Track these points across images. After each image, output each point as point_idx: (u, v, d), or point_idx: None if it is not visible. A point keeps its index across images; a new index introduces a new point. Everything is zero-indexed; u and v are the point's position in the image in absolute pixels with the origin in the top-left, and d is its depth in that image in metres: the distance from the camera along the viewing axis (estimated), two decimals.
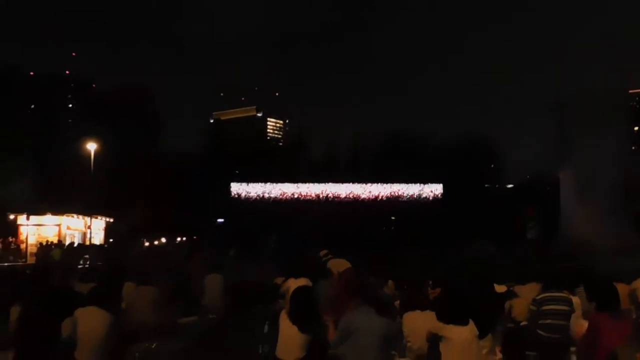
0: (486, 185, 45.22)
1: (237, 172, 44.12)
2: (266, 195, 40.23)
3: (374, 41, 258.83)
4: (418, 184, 40.45)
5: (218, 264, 9.14)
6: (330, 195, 40.37)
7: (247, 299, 8.01)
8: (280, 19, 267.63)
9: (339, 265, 7.72)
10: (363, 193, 40.53)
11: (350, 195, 40.43)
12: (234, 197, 39.92)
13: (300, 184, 40.35)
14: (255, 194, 40.21)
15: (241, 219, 36.85)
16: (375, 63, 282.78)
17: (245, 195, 40.13)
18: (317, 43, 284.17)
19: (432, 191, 40.58)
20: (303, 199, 40.05)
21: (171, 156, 43.21)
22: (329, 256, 8.58)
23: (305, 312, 4.75)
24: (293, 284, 7.06)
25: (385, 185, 40.54)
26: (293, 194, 40.23)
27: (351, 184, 40.57)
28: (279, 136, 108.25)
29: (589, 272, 7.75)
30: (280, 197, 40.20)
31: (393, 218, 41.60)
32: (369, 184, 40.56)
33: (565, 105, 23.32)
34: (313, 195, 40.32)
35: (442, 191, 40.32)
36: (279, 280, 7.73)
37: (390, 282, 7.65)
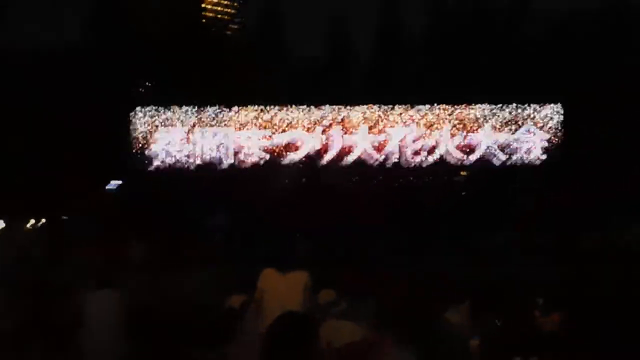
0: None
1: (147, 84, 43.80)
2: (204, 133, 40.16)
3: None
4: (512, 106, 40.44)
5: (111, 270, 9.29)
6: (335, 129, 40.34)
7: (170, 337, 8.13)
8: None
9: (338, 334, 7.65)
10: (399, 124, 40.48)
11: (375, 131, 40.40)
12: (140, 137, 39.85)
13: (273, 110, 40.21)
14: (182, 131, 40.10)
15: (155, 181, 36.96)
16: None
17: (163, 134, 40.06)
18: None
19: (541, 118, 40.62)
20: (276, 146, 40.00)
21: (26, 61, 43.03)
22: (333, 307, 8.46)
23: None
24: (271, 281, 7.18)
25: (445, 108, 40.48)
26: (259, 127, 40.14)
27: (374, 107, 40.45)
28: (228, 17, 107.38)
29: None
30: (234, 136, 40.14)
31: (464, 173, 41.77)
32: (410, 108, 40.49)
33: None
34: (299, 131, 40.30)
35: (560, 117, 40.34)
36: (235, 299, 7.81)
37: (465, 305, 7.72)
